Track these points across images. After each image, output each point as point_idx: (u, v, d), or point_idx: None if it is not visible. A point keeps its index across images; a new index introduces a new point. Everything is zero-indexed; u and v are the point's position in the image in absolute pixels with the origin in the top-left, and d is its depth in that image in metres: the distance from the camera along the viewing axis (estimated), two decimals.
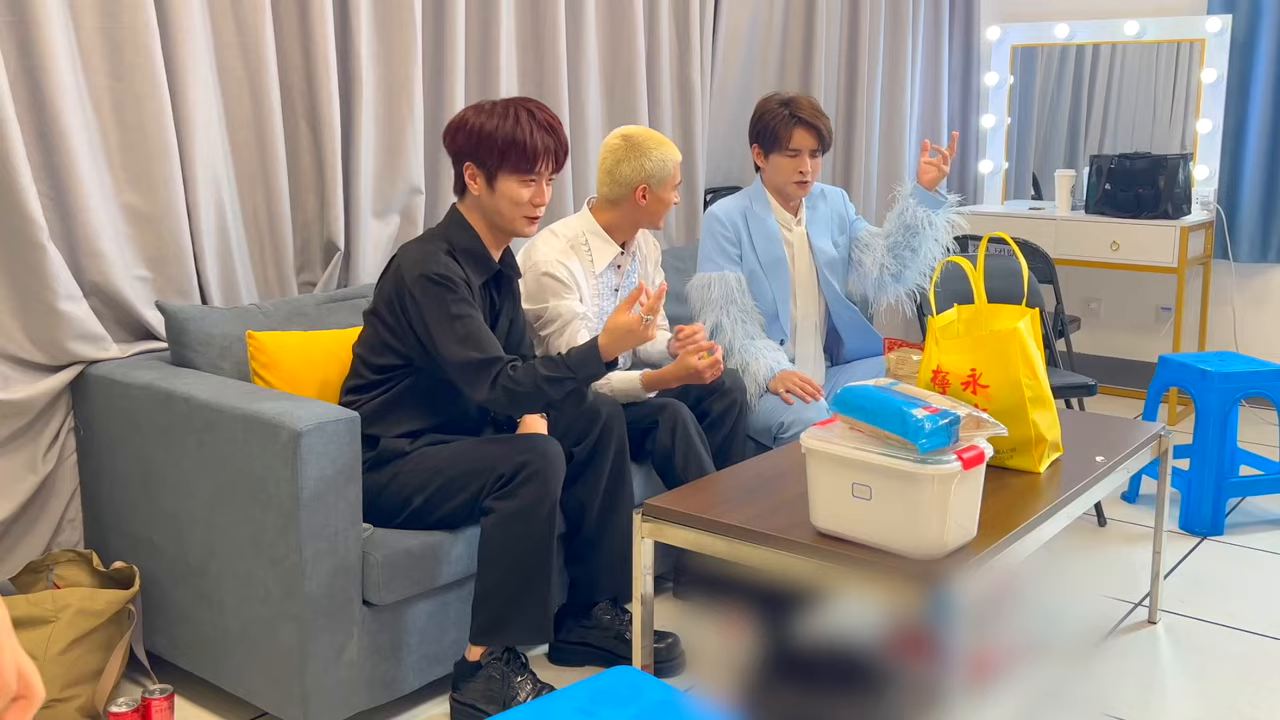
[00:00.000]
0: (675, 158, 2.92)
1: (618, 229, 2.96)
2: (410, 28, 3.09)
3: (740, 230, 3.21)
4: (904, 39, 4.91)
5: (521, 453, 2.33)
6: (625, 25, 3.77)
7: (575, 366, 2.33)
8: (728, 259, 3.20)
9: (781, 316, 3.23)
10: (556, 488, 2.34)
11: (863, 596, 2.01)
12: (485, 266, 2.48)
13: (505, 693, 2.35)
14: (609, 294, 2.97)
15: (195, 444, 2.35)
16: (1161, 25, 4.90)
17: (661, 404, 2.79)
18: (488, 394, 2.33)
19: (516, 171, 2.41)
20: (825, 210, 3.34)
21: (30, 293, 2.48)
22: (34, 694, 0.82)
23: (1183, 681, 2.59)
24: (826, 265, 3.28)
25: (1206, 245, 4.81)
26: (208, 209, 2.77)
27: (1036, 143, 5.31)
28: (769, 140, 3.17)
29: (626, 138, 2.91)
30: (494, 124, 2.39)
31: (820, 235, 3.30)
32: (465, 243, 2.45)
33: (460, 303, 2.36)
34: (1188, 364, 3.55)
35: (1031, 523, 2.17)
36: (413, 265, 2.37)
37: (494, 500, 2.32)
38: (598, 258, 2.93)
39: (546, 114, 2.44)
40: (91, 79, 2.56)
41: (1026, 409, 2.36)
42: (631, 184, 2.89)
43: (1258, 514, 3.66)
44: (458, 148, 2.44)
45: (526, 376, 2.32)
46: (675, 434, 2.74)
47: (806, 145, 3.14)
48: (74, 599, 2.31)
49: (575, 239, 2.92)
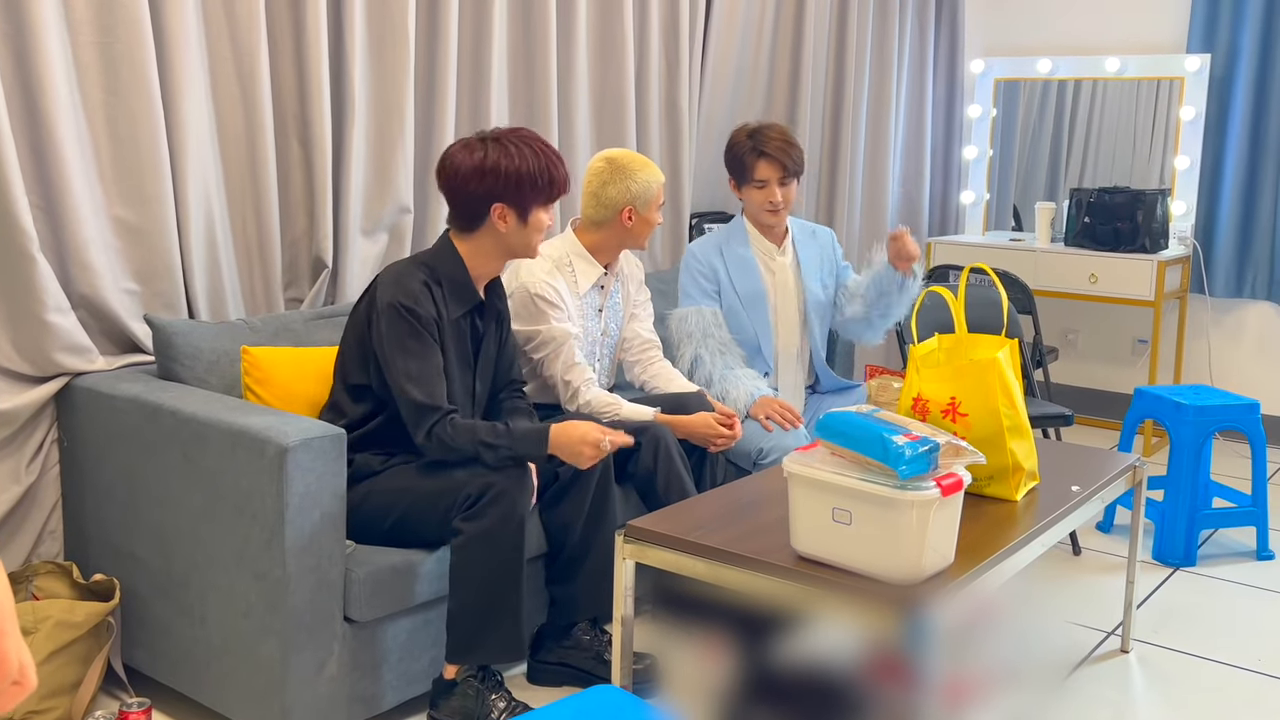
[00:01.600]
0: (659, 179, 2.96)
1: (602, 250, 2.99)
2: (403, 49, 3.12)
3: (716, 266, 3.26)
4: (889, 70, 4.97)
5: (487, 473, 2.35)
6: (615, 50, 3.81)
7: (516, 443, 2.40)
8: (704, 295, 3.24)
9: (764, 349, 3.27)
10: (523, 508, 2.35)
11: (840, 620, 2.04)
12: (468, 298, 2.50)
13: (480, 710, 2.36)
14: (593, 314, 3.00)
15: (181, 457, 2.36)
16: (1142, 63, 4.99)
17: (643, 426, 2.81)
18: (422, 439, 2.38)
19: (546, 203, 2.51)
20: (815, 251, 3.37)
21: (19, 303, 2.49)
22: (28, 683, 0.86)
23: (1154, 711, 2.62)
24: (814, 308, 3.32)
25: (1183, 280, 4.88)
26: (198, 224, 2.78)
27: (1018, 175, 5.38)
28: (738, 172, 3.23)
29: (610, 160, 2.94)
30: (526, 163, 2.45)
31: (811, 276, 3.33)
32: (450, 272, 2.48)
33: (420, 337, 2.39)
34: (1163, 396, 3.60)
35: (1007, 550, 2.21)
36: (387, 289, 2.41)
37: (461, 521, 2.34)
38: (581, 279, 2.96)
39: (549, 143, 2.53)
40: (86, 93, 2.58)
41: (1004, 438, 2.39)
42: (617, 206, 2.92)
43: (1230, 546, 3.71)
44: (486, 190, 2.45)
45: (465, 436, 2.37)
46: (658, 456, 2.76)
47: (772, 175, 3.18)
48: (53, 611, 2.31)
49: (560, 260, 2.95)
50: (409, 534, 2.42)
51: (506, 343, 2.69)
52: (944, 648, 2.01)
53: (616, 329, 3.10)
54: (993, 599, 3.11)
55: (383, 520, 2.42)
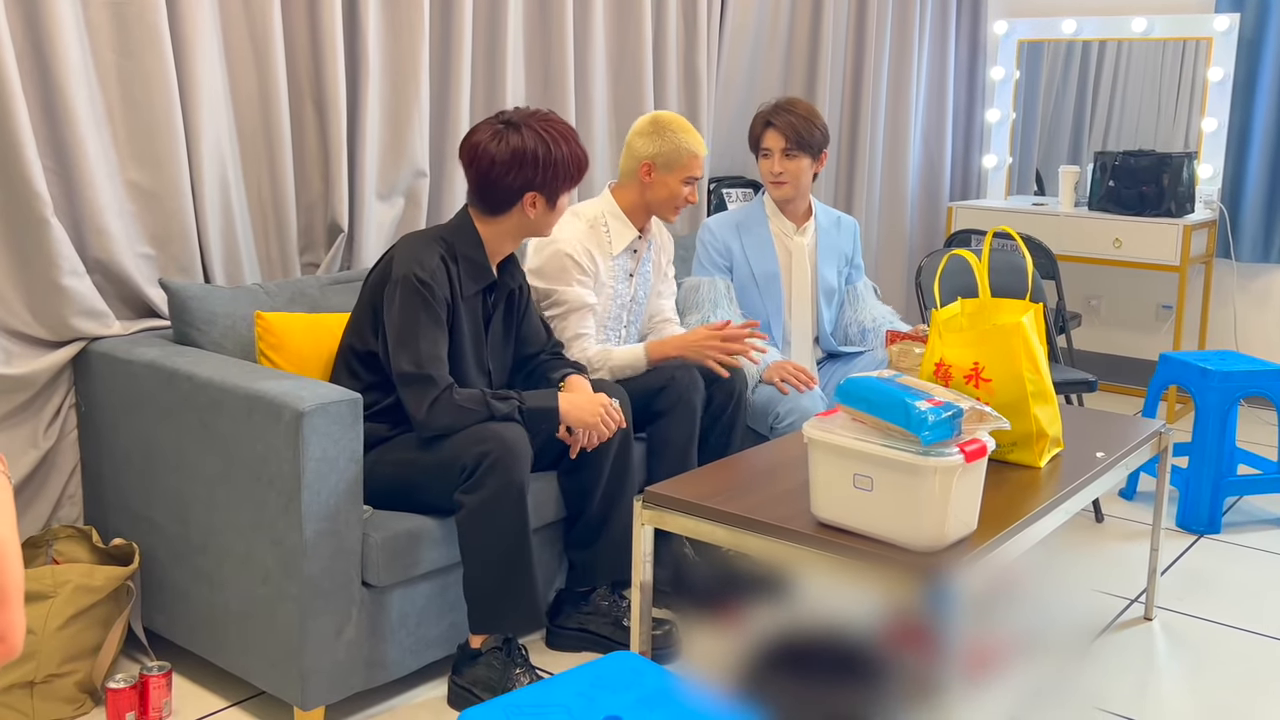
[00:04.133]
0: (690, 146, 2.90)
1: (635, 211, 2.96)
2: (418, 10, 3.08)
3: (730, 243, 3.24)
4: (911, 32, 4.90)
5: (480, 442, 2.31)
6: (632, 11, 3.76)
7: (526, 397, 2.42)
8: (716, 268, 3.24)
9: (774, 328, 3.24)
10: (521, 474, 2.32)
11: (862, 587, 2.02)
12: (483, 275, 2.49)
13: (502, 683, 2.36)
14: (623, 277, 2.97)
15: (197, 423, 2.35)
16: (1169, 23, 4.89)
17: (712, 378, 2.86)
18: (424, 414, 2.34)
19: (572, 187, 2.53)
20: (837, 240, 3.35)
21: (34, 268, 2.48)
22: (12, 648, 0.85)
23: (1178, 678, 2.60)
24: (825, 292, 3.30)
25: (1209, 244, 4.81)
26: (212, 188, 2.76)
27: (1041, 138, 5.31)
28: (752, 142, 3.24)
29: (655, 118, 2.94)
30: (561, 152, 2.45)
31: (827, 261, 3.31)
32: (467, 250, 2.47)
33: (431, 311, 2.36)
34: (1188, 362, 3.56)
35: (1031, 517, 2.18)
36: (404, 261, 2.38)
37: (462, 494, 2.32)
38: (615, 240, 2.93)
39: (569, 125, 2.54)
40: (99, 55, 2.55)
41: (1028, 404, 2.36)
42: (638, 158, 2.91)
43: (1255, 513, 3.67)
44: (525, 181, 2.43)
45: (470, 402, 2.36)
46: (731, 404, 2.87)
47: (776, 145, 3.15)
48: (73, 575, 2.31)
49: (595, 220, 2.92)
50: (417, 504, 2.41)
51: (528, 313, 2.66)
52: (966, 615, 1.99)
53: (644, 296, 3.07)
54: (1016, 566, 3.09)
55: (390, 490, 2.41)
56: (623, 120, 3.83)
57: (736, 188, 4.38)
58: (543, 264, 2.84)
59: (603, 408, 2.49)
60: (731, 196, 4.34)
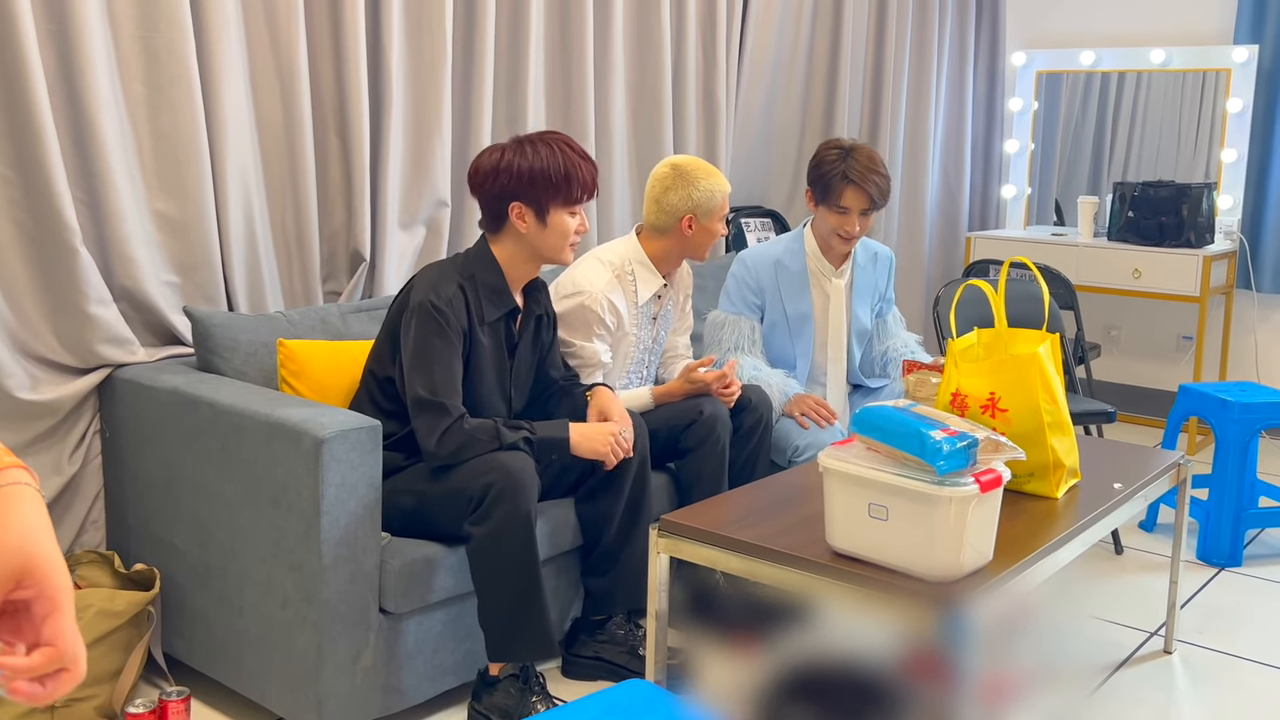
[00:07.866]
0: (724, 188, 2.91)
1: (664, 260, 2.95)
2: (440, 42, 3.13)
3: (763, 281, 3.17)
4: (929, 62, 4.92)
5: (486, 473, 2.32)
6: (652, 41, 3.80)
7: (537, 426, 2.44)
8: (746, 305, 3.19)
9: (800, 366, 3.22)
10: (528, 503, 2.32)
11: (877, 617, 2.02)
12: (504, 301, 2.50)
13: (519, 711, 2.37)
14: (647, 323, 2.98)
15: (219, 449, 2.37)
16: (1188, 54, 4.90)
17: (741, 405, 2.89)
18: (434, 444, 2.35)
19: (567, 204, 2.47)
20: (872, 277, 3.30)
21: (62, 296, 2.52)
22: (77, 672, 0.86)
23: (1197, 713, 2.58)
24: (858, 334, 3.28)
25: (1229, 275, 4.80)
26: (237, 217, 2.80)
27: (1060, 169, 5.31)
28: (821, 190, 3.08)
29: (675, 166, 2.91)
30: (541, 161, 2.43)
31: (862, 303, 3.28)
32: (487, 278, 2.48)
33: (446, 338, 2.38)
34: (1208, 393, 3.54)
35: (1048, 548, 2.18)
36: (423, 289, 2.41)
37: (471, 525, 2.33)
38: (642, 288, 2.93)
39: (578, 145, 2.51)
40: (128, 87, 2.61)
41: (1045, 434, 2.36)
42: (678, 213, 2.88)
43: (1277, 546, 3.64)
44: (501, 189, 2.45)
45: (481, 431, 2.37)
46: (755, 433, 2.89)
47: (857, 205, 3.04)
48: (95, 599, 2.34)
49: (621, 268, 2.91)
50: (432, 533, 2.43)
51: (553, 344, 2.68)
52: (982, 646, 1.99)
53: (665, 336, 3.09)
54: (1032, 597, 3.07)
55: (407, 518, 2.43)
56: (642, 149, 3.86)
57: (755, 217, 4.40)
58: (565, 313, 2.84)
59: (612, 436, 2.50)
60: (750, 226, 4.36)
